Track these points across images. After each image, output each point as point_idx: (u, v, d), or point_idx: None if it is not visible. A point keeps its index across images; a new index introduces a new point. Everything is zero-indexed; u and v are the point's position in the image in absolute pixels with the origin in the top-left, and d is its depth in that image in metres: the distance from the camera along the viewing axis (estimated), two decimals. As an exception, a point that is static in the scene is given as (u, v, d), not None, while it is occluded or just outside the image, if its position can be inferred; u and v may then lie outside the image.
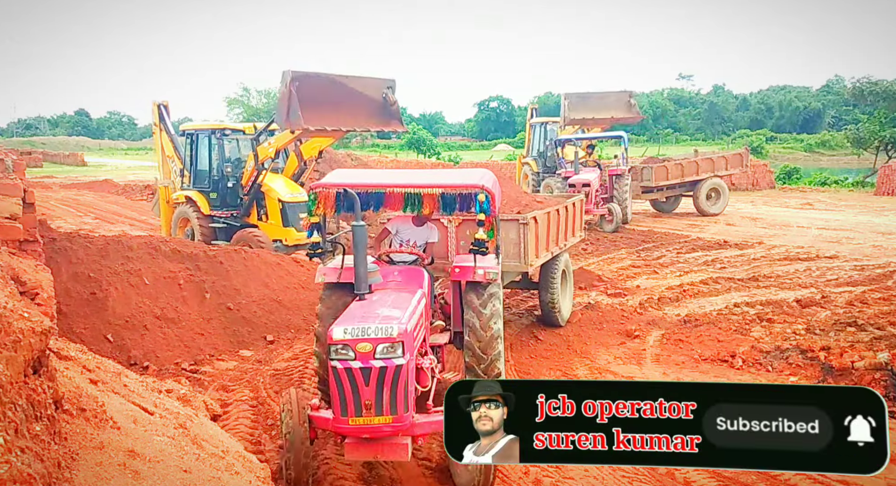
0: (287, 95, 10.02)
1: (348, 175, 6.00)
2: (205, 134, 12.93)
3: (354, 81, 10.73)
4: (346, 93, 10.49)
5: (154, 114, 14.64)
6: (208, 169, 12.73)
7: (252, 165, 11.84)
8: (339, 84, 10.46)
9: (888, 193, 24.83)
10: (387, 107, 10.95)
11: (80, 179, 34.78)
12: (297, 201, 11.42)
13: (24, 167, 6.02)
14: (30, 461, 2.14)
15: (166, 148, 14.28)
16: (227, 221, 12.28)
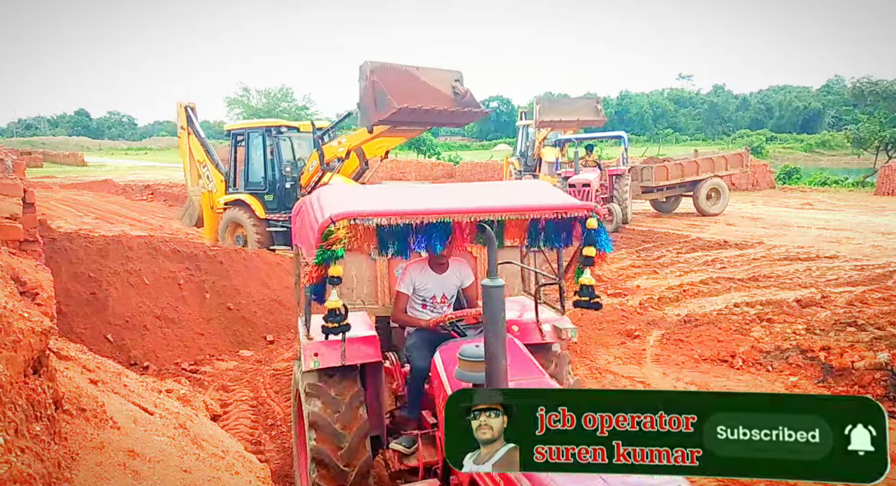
0: (371, 88, 9.20)
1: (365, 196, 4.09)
2: (257, 133, 12.12)
3: (426, 72, 9.92)
4: (420, 85, 9.62)
5: (181, 116, 13.95)
6: (263, 170, 11.91)
7: (316, 165, 11.06)
8: (413, 76, 9.63)
9: (888, 193, 24.83)
10: (458, 100, 10.07)
11: (80, 179, 34.79)
12: None
13: (24, 167, 6.03)
14: (30, 461, 2.14)
15: (195, 152, 13.57)
16: (286, 225, 11.25)
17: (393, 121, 9.20)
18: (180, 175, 38.70)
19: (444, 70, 10.17)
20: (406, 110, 8.82)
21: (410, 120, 9.43)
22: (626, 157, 18.30)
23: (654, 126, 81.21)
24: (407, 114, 8.95)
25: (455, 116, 10.06)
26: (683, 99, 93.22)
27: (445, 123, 10.58)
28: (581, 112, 21.90)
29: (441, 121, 10.28)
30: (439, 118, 9.98)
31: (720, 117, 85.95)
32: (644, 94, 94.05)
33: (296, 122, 12.76)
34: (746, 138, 60.17)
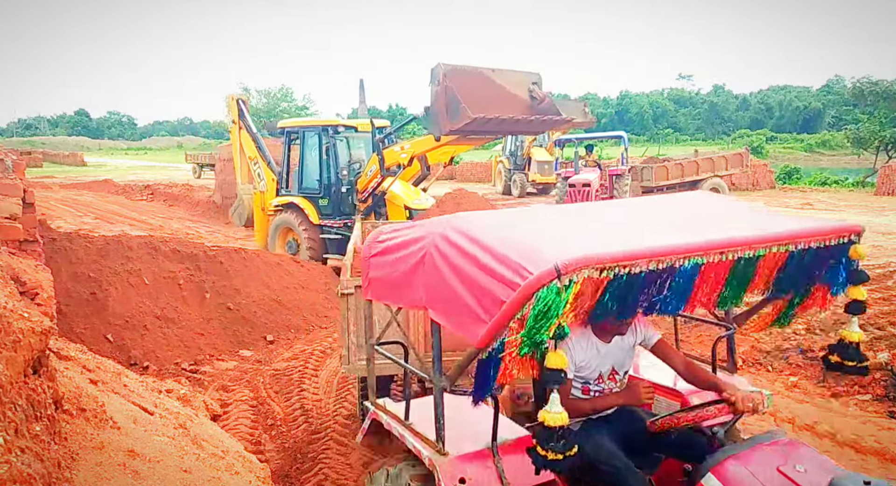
0: (443, 94, 8.18)
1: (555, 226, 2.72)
2: (312, 132, 11.24)
3: (501, 75, 8.79)
4: (495, 91, 8.62)
5: (232, 110, 13.15)
6: (318, 172, 11.08)
7: (375, 170, 10.21)
8: (488, 80, 8.61)
9: (888, 193, 24.82)
10: (535, 105, 8.94)
11: (80, 179, 34.78)
12: (423, 208, 10.21)
13: (24, 167, 6.02)
14: (30, 461, 2.14)
15: (246, 147, 12.83)
16: (340, 232, 10.64)
17: (465, 131, 8.40)
18: (180, 175, 38.70)
19: (522, 72, 9.13)
20: (481, 120, 7.96)
21: (483, 129, 8.46)
22: (626, 157, 18.31)
23: (654, 126, 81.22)
24: (481, 123, 8.08)
25: (532, 125, 8.99)
26: (683, 99, 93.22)
27: (521, 131, 9.99)
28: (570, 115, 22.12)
29: (516, 129, 9.37)
30: (515, 127, 9.01)
31: (720, 117, 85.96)
32: (644, 94, 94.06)
33: (354, 121, 11.80)
34: (746, 138, 60.19)
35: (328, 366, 7.22)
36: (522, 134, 11.52)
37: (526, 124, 8.81)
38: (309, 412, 5.96)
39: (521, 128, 9.16)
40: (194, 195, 24.62)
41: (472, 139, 9.28)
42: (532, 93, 8.96)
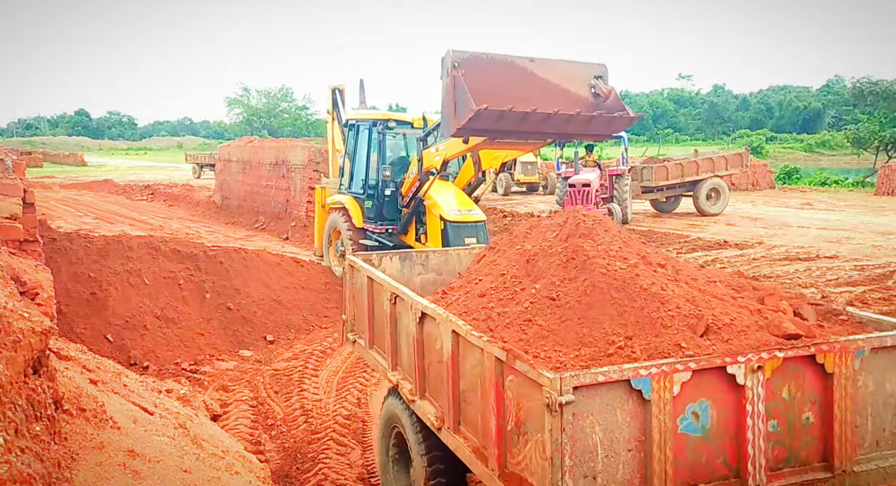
0: (451, 86, 6.64)
1: None
2: (365, 125, 10.25)
3: (546, 66, 7.03)
4: (536, 84, 6.87)
5: (329, 100, 12.45)
6: (366, 171, 10.17)
7: (415, 172, 9.07)
8: (523, 71, 6.89)
9: (888, 193, 24.84)
10: (598, 103, 7.13)
11: (80, 179, 34.80)
12: (465, 221, 8.77)
13: (24, 167, 6.03)
14: (30, 461, 2.14)
15: (336, 140, 12.02)
16: (381, 239, 9.64)
17: (477, 129, 6.79)
18: (180, 175, 38.77)
19: (578, 63, 7.31)
20: (492, 114, 6.35)
21: (515, 129, 6.74)
22: (626, 157, 18.31)
23: (654, 126, 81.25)
24: (494, 119, 6.46)
25: (592, 124, 7.06)
26: (683, 99, 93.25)
27: (579, 133, 7.43)
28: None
29: (572, 130, 7.16)
30: (569, 127, 6.99)
31: (720, 117, 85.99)
32: (644, 94, 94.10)
33: (410, 116, 10.62)
34: (746, 138, 60.22)
35: (328, 366, 7.22)
36: (580, 138, 9.39)
37: (581, 123, 6.88)
38: (309, 412, 5.96)
39: (578, 128, 7.06)
40: (194, 195, 24.64)
41: (508, 143, 7.51)
42: (594, 88, 7.12)
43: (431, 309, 3.41)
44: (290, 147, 18.32)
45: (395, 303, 3.95)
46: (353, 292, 4.86)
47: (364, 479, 4.80)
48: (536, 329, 3.03)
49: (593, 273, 3.20)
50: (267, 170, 18.86)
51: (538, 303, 3.20)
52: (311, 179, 16.54)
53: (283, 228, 16.89)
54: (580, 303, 3.08)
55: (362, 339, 4.64)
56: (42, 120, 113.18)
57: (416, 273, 5.21)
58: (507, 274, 3.66)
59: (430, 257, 5.34)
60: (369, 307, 4.45)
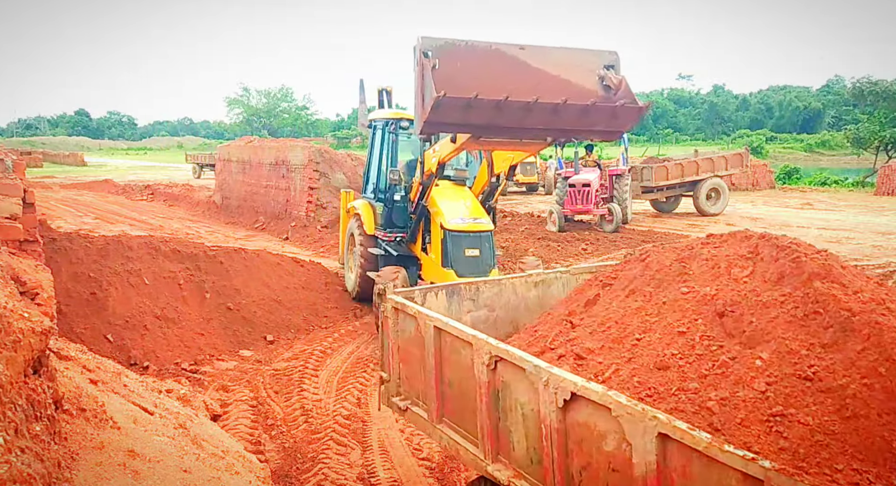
0: (420, 78, 5.59)
1: None
2: (380, 125, 9.59)
3: (543, 54, 5.85)
4: (529, 75, 5.70)
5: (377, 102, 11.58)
6: (377, 174, 9.56)
7: (418, 175, 8.49)
8: (515, 61, 5.72)
9: (888, 193, 24.84)
10: (609, 96, 5.83)
11: (80, 179, 34.80)
12: (466, 231, 7.90)
13: (24, 167, 6.02)
14: (30, 461, 2.14)
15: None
16: (389, 247, 8.83)
17: (446, 123, 5.69)
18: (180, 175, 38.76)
19: (582, 50, 6.07)
20: (458, 104, 5.22)
21: (492, 123, 5.52)
22: (626, 157, 18.31)
23: (654, 126, 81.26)
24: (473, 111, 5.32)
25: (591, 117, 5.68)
26: (683, 99, 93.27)
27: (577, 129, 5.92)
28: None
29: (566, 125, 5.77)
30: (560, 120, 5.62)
31: (720, 117, 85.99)
32: (644, 94, 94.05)
33: None
34: (746, 138, 60.23)
35: (328, 366, 7.22)
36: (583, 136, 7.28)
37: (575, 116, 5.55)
38: (309, 412, 5.96)
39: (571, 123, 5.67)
40: (194, 195, 24.64)
41: (498, 142, 6.40)
42: (605, 80, 5.91)
43: (597, 393, 2.32)
44: (290, 147, 18.31)
45: (494, 368, 3.00)
46: (399, 342, 3.94)
47: (364, 479, 4.80)
48: (801, 431, 2.03)
49: (878, 339, 2.16)
50: (267, 170, 18.86)
51: (781, 384, 2.21)
52: (310, 180, 16.54)
53: (283, 228, 16.89)
54: (868, 387, 2.08)
55: (422, 409, 3.70)
56: (42, 120, 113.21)
57: (465, 310, 4.47)
58: (689, 333, 2.64)
59: (482, 290, 4.60)
60: (436, 367, 3.51)
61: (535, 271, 5.36)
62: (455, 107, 5.27)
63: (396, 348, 3.98)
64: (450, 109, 5.27)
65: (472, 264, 7.73)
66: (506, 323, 4.64)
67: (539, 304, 4.74)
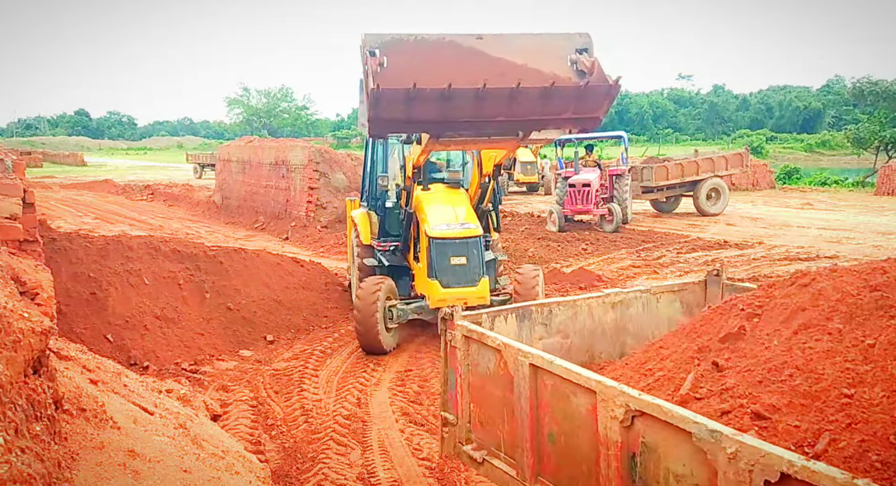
0: (366, 78, 5.17)
1: None
2: None
3: (504, 42, 5.21)
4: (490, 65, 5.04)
5: None
6: (370, 179, 8.99)
7: (400, 180, 8.30)
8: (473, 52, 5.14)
9: (888, 193, 24.85)
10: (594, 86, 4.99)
11: (80, 179, 34.80)
12: (449, 237, 7.38)
13: (24, 167, 6.02)
14: (30, 461, 2.14)
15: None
16: (384, 257, 8.40)
17: (392, 120, 5.03)
18: (180, 175, 38.84)
19: (549, 35, 5.40)
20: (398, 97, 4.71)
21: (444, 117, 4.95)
22: (626, 157, 18.32)
23: (654, 126, 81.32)
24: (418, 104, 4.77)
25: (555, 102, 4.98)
26: (683, 99, 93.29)
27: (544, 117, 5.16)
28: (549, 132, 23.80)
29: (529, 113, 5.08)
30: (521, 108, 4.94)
31: (720, 117, 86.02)
32: (644, 94, 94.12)
33: None
34: (746, 138, 60.25)
35: (328, 366, 7.22)
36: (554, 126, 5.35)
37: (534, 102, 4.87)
38: (309, 412, 5.96)
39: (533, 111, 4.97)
40: (194, 195, 24.65)
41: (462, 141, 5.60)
42: (577, 64, 5.16)
43: (834, 479, 1.66)
44: (290, 147, 18.32)
45: (631, 425, 2.37)
46: (472, 379, 3.38)
47: (364, 479, 4.80)
48: None
49: None
50: (267, 170, 18.86)
51: None
52: (310, 180, 16.55)
53: (283, 228, 16.89)
54: None
55: (507, 463, 3.08)
56: (42, 120, 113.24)
57: (536, 337, 3.97)
58: None
59: (555, 313, 4.07)
60: (531, 415, 2.88)
61: (612, 290, 4.59)
62: (396, 101, 4.79)
63: (467, 385, 3.38)
64: (391, 103, 4.80)
65: (458, 274, 7.30)
66: (581, 352, 4.15)
67: (616, 329, 4.30)
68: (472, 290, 7.23)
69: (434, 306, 7.30)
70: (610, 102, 5.02)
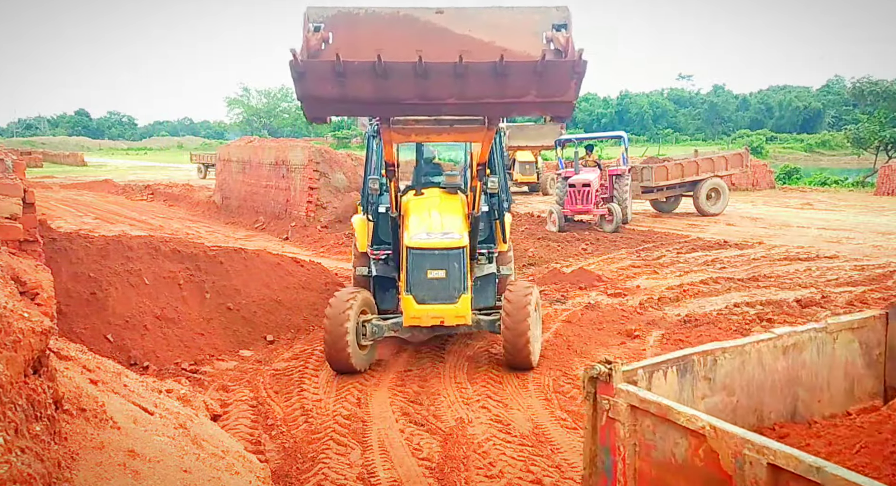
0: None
1: None
2: (373, 127, 7.83)
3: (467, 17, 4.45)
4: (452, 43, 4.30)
5: None
6: (364, 183, 8.18)
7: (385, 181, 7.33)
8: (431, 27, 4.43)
9: (888, 193, 24.86)
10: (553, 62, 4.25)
11: (80, 179, 34.82)
12: (425, 248, 6.61)
13: (24, 167, 6.02)
14: (30, 461, 2.14)
15: None
16: (376, 267, 7.74)
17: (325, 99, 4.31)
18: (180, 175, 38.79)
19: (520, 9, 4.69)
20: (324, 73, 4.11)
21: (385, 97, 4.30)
22: (626, 157, 18.33)
23: (654, 126, 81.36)
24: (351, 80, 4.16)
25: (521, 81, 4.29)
26: (683, 99, 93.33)
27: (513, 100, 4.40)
28: (546, 137, 24.75)
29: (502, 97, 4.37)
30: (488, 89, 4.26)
31: (720, 117, 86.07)
32: (644, 94, 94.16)
33: None
34: (746, 138, 60.28)
35: (328, 366, 7.22)
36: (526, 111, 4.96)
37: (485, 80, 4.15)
38: (309, 412, 5.96)
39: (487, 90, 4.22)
40: (194, 195, 24.66)
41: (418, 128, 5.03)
42: (553, 42, 4.50)
43: None
44: (290, 147, 18.33)
45: None
46: (644, 465, 2.59)
47: (364, 479, 4.80)
48: None
49: None
50: (267, 170, 18.87)
51: None
52: (310, 180, 16.55)
53: (283, 228, 16.90)
54: None
55: None
56: (42, 120, 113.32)
57: (698, 395, 3.26)
58: None
59: (719, 362, 3.36)
60: None
61: (784, 330, 3.72)
62: (324, 77, 4.16)
63: (633, 473, 2.59)
64: (318, 79, 4.18)
65: (435, 289, 6.54)
66: (748, 412, 3.42)
67: (788, 379, 3.57)
68: (450, 308, 6.52)
69: (407, 323, 6.66)
70: (578, 82, 4.18)
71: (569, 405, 5.99)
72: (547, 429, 5.48)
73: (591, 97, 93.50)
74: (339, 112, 4.90)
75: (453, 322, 6.55)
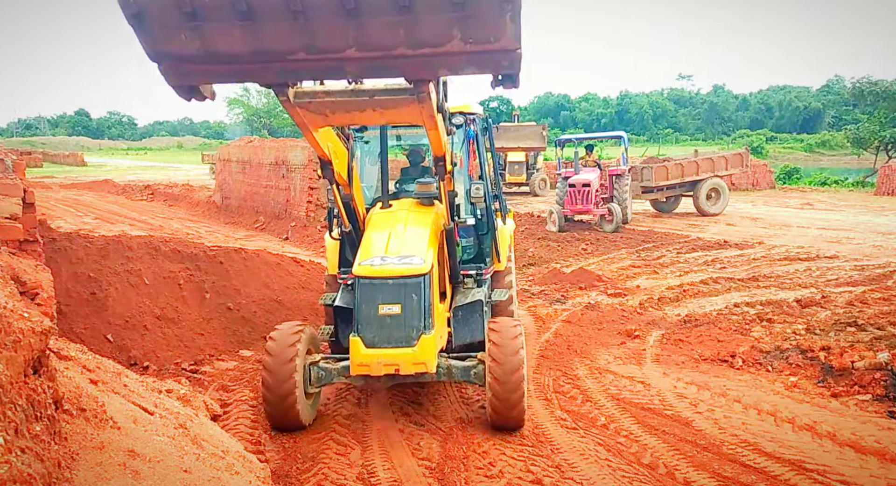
0: None
1: None
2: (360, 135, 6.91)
3: None
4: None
5: None
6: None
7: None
8: None
9: (888, 193, 24.86)
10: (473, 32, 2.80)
11: (80, 179, 34.82)
12: (375, 276, 5.18)
13: (24, 167, 6.02)
14: (30, 461, 2.14)
15: None
16: (344, 293, 6.04)
17: (184, 55, 3.30)
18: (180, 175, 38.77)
19: None
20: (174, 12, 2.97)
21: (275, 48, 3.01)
22: (626, 157, 18.34)
23: (654, 126, 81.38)
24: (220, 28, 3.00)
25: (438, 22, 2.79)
26: (683, 99, 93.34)
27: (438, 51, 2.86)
28: (529, 139, 25.06)
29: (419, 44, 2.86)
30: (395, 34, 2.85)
31: (720, 117, 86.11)
32: (644, 94, 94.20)
33: None
34: (746, 138, 60.32)
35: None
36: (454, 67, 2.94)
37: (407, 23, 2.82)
38: (309, 412, 5.95)
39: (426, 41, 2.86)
40: (194, 195, 24.66)
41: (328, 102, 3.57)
42: None
43: None
44: (290, 147, 18.33)
45: None
46: None
47: (364, 479, 4.80)
48: None
49: None
50: (267, 170, 18.87)
51: None
52: (310, 180, 16.55)
53: (283, 229, 16.90)
54: None
55: None
56: (42, 120, 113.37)
57: None
58: None
59: None
60: None
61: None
62: (171, 22, 3.08)
63: None
64: (164, 27, 3.14)
65: (388, 328, 5.05)
66: None
67: None
68: (407, 352, 5.00)
69: (355, 372, 5.14)
70: (514, 18, 2.79)
71: (569, 405, 5.99)
72: (547, 429, 5.48)
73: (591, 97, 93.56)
74: (211, 78, 3.60)
75: (410, 370, 5.05)
